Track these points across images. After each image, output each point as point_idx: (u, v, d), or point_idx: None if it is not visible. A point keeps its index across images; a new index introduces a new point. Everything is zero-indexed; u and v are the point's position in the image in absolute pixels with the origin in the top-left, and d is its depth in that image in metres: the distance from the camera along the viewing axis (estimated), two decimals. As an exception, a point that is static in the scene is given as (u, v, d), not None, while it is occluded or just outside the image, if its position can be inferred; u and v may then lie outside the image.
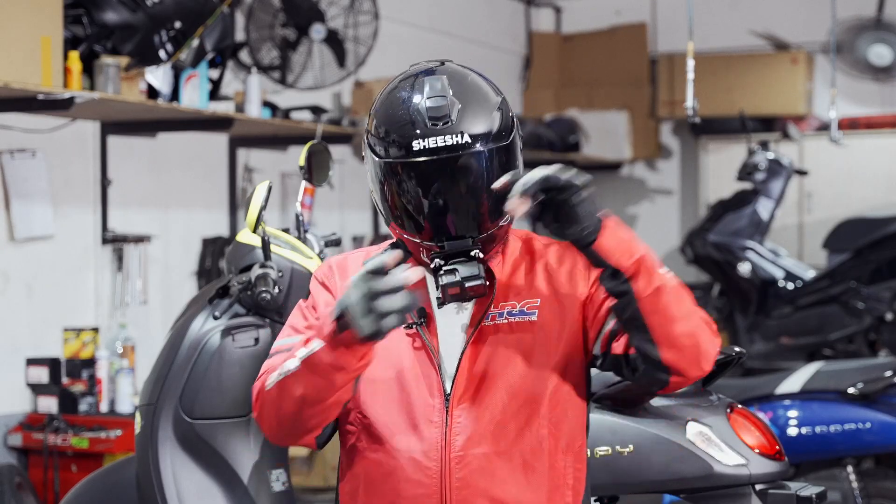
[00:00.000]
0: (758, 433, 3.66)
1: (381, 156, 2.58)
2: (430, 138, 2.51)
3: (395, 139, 2.55)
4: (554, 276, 2.65)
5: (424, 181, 2.53)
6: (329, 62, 6.95)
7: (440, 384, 2.58)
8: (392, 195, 2.58)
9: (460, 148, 2.51)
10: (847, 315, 8.19)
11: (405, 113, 2.55)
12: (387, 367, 2.59)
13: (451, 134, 2.51)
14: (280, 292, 3.84)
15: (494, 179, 2.53)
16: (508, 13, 10.41)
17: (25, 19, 5.06)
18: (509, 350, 2.59)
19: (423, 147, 2.51)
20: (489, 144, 2.54)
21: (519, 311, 2.62)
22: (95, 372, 5.96)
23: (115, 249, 6.31)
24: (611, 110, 9.99)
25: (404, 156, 2.53)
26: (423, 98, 2.55)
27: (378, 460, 2.59)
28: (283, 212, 7.48)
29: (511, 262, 2.68)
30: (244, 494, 3.85)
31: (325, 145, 4.19)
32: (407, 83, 2.60)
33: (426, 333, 2.60)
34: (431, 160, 2.51)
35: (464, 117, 2.53)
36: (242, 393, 3.82)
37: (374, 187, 2.63)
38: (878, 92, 9.84)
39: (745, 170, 8.66)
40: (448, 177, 2.52)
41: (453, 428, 2.56)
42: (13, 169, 5.75)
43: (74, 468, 5.65)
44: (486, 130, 2.54)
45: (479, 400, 2.57)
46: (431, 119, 2.52)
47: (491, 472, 2.56)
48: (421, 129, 2.52)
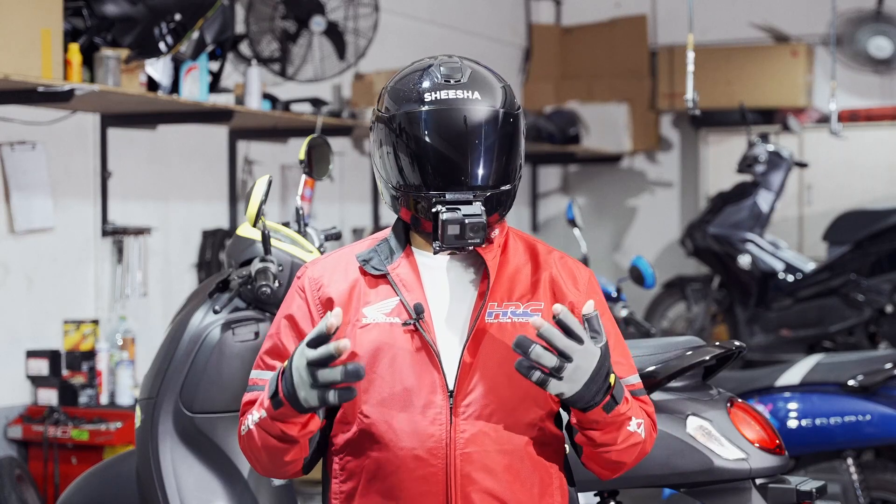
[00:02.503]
0: (758, 427, 3.66)
1: (392, 111, 2.64)
2: (442, 91, 2.62)
3: (407, 95, 2.64)
4: (557, 286, 2.68)
5: (432, 129, 2.60)
6: (329, 54, 6.95)
7: (443, 381, 2.58)
8: (399, 148, 2.63)
9: (468, 101, 2.62)
10: (847, 307, 8.19)
11: (420, 76, 2.66)
12: (386, 364, 2.59)
13: (462, 89, 2.62)
14: (280, 286, 3.84)
15: (498, 140, 2.62)
16: (508, 5, 10.40)
17: (25, 11, 5.06)
18: (511, 349, 2.56)
19: (435, 98, 2.61)
20: (495, 106, 2.64)
21: (522, 311, 2.63)
22: (95, 364, 5.96)
23: (116, 241, 6.30)
24: (611, 102, 9.98)
25: (416, 107, 2.61)
26: (437, 64, 2.67)
27: (380, 459, 2.58)
28: (283, 204, 7.48)
29: (514, 262, 2.69)
30: (244, 488, 3.85)
31: (325, 139, 4.19)
32: (420, 63, 2.72)
33: (424, 329, 2.59)
34: (440, 109, 2.60)
35: (473, 81, 2.65)
36: (242, 387, 3.78)
37: (381, 153, 2.67)
38: (877, 84, 9.83)
39: (745, 162, 8.67)
40: (454, 127, 2.60)
41: (458, 426, 2.56)
42: (13, 161, 5.75)
43: (74, 460, 5.66)
44: (492, 95, 2.65)
45: (482, 397, 2.58)
46: (444, 76, 2.63)
47: (493, 470, 2.57)
48: (433, 85, 2.63)
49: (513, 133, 2.66)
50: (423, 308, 2.60)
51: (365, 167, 8.24)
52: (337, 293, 2.66)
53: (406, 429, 2.56)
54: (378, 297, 2.64)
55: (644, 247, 10.38)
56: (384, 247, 2.71)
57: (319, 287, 2.68)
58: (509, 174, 2.65)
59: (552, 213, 10.73)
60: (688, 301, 9.05)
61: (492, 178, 2.62)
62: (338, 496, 2.65)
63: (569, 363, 2.42)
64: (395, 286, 2.63)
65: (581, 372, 2.44)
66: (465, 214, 2.56)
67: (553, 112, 9.86)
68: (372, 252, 2.70)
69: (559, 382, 2.43)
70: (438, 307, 2.64)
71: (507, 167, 2.65)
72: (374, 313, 2.63)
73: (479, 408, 2.57)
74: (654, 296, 9.17)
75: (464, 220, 2.55)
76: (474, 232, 2.56)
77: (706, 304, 8.79)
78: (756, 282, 8.51)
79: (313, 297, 2.68)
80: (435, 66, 2.66)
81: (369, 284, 2.66)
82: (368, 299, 2.64)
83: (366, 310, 2.63)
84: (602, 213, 10.65)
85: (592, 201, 10.70)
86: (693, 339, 3.72)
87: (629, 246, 10.55)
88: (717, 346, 3.71)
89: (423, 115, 2.60)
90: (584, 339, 2.44)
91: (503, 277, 2.66)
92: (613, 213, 10.67)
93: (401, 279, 2.64)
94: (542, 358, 2.41)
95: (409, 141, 2.61)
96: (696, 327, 8.75)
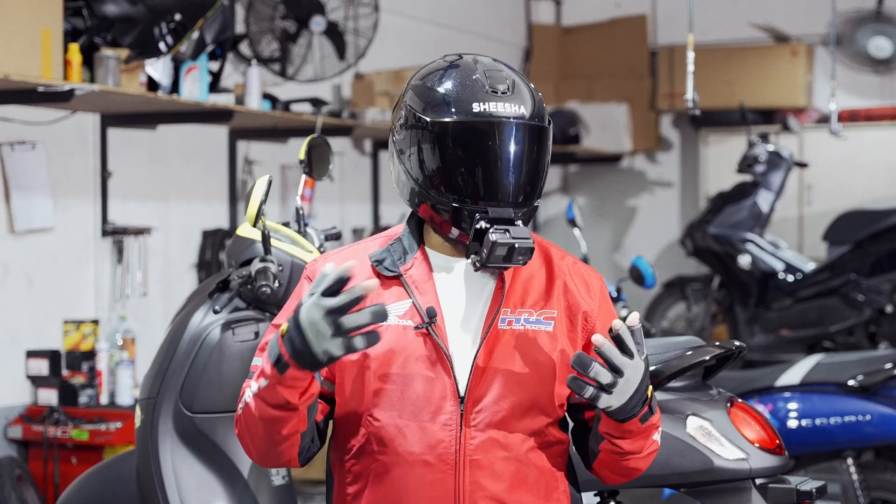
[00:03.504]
0: (758, 427, 3.66)
1: (432, 118, 2.58)
2: (491, 103, 2.56)
3: (452, 101, 2.57)
4: (570, 294, 2.67)
5: (479, 143, 2.55)
6: (329, 54, 6.95)
7: (454, 387, 2.56)
8: (438, 159, 2.57)
9: (517, 117, 2.57)
10: (847, 307, 8.19)
11: (460, 80, 2.60)
12: (398, 368, 2.57)
13: (510, 103, 2.57)
14: (280, 286, 3.84)
15: (539, 156, 2.60)
16: (508, 5, 10.40)
17: (25, 11, 5.06)
18: (524, 356, 2.58)
19: (483, 110, 2.56)
20: (538, 122, 2.61)
21: (536, 319, 2.62)
22: (95, 364, 5.96)
23: (116, 241, 6.30)
24: (611, 102, 9.98)
25: (463, 117, 2.56)
26: (480, 68, 2.61)
27: (389, 463, 2.56)
28: (283, 204, 7.48)
29: (529, 268, 2.67)
30: (244, 488, 3.85)
31: (325, 139, 4.19)
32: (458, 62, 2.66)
33: (437, 334, 2.57)
34: (491, 123, 2.55)
35: (517, 93, 2.61)
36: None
37: (412, 155, 2.60)
38: (877, 84, 9.83)
39: (745, 162, 8.67)
40: (503, 142, 2.56)
41: (468, 433, 2.55)
42: (13, 161, 5.75)
43: (74, 460, 5.66)
44: (535, 108, 2.62)
45: (493, 404, 2.56)
46: (491, 86, 2.58)
47: (500, 476, 2.56)
48: (481, 94, 2.57)
49: (548, 146, 2.64)
50: (435, 312, 2.58)
51: (365, 167, 8.24)
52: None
53: (416, 434, 2.55)
54: (391, 298, 2.61)
55: (644, 247, 10.38)
56: (397, 246, 2.67)
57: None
58: (541, 188, 2.65)
59: (552, 213, 10.73)
60: (688, 301, 9.06)
61: (531, 194, 2.61)
62: (345, 498, 2.63)
63: (621, 378, 2.44)
64: (408, 288, 2.61)
65: (629, 385, 2.46)
66: (515, 237, 2.52)
67: (553, 112, 9.86)
68: (385, 252, 2.66)
69: (609, 397, 2.45)
70: (451, 311, 2.61)
71: (541, 181, 2.63)
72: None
73: (489, 415, 2.55)
74: (654, 296, 9.17)
75: (514, 243, 2.51)
76: (522, 255, 2.53)
77: (706, 304, 8.79)
78: (756, 282, 8.51)
79: None
80: (479, 72, 2.60)
81: (382, 285, 2.62)
82: (381, 300, 2.60)
83: None
84: (602, 213, 10.65)
85: (592, 201, 10.70)
86: (693, 339, 3.72)
87: (629, 246, 10.56)
88: (717, 346, 3.71)
89: (471, 128, 2.55)
90: (635, 353, 2.45)
91: (517, 283, 2.64)
92: (613, 213, 10.67)
93: (414, 281, 2.61)
94: (600, 375, 2.42)
95: (455, 149, 2.55)
96: (696, 327, 8.75)
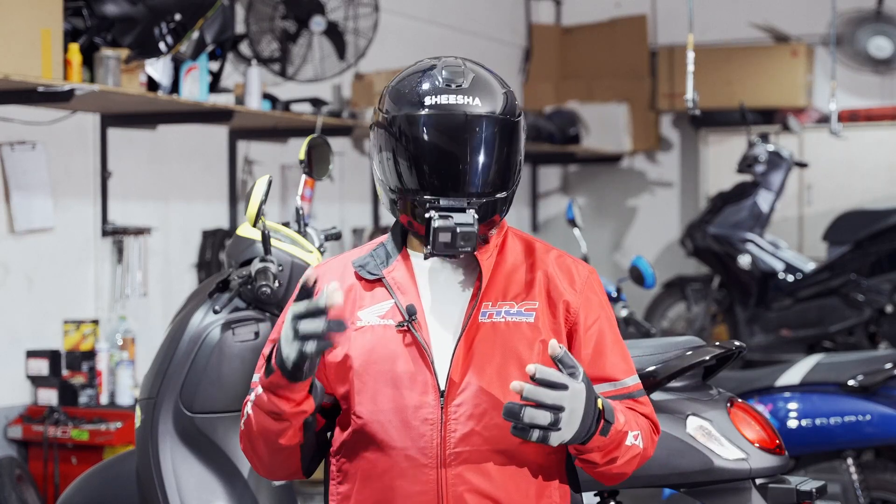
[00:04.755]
0: (758, 427, 3.66)
1: (392, 113, 2.63)
2: (443, 95, 2.60)
3: (408, 98, 2.62)
4: (552, 284, 2.67)
5: (430, 134, 2.59)
6: (329, 54, 6.95)
7: (434, 382, 2.57)
8: (397, 151, 2.61)
9: (468, 107, 2.60)
10: (847, 307, 8.19)
11: (421, 78, 2.64)
12: (379, 365, 2.60)
13: (463, 95, 2.61)
14: (280, 286, 3.84)
15: (497, 147, 2.61)
16: (508, 5, 10.40)
17: (25, 11, 5.06)
18: (505, 348, 2.59)
19: (435, 102, 2.59)
20: (495, 113, 2.62)
21: (517, 311, 2.63)
22: (95, 364, 5.96)
23: (116, 241, 6.30)
24: (611, 102, 9.98)
25: (416, 110, 2.60)
26: (439, 67, 2.65)
27: (373, 459, 2.58)
28: (283, 204, 7.48)
29: (511, 262, 2.69)
30: (244, 488, 3.85)
31: (325, 139, 4.19)
32: (423, 63, 2.70)
33: (417, 330, 2.60)
34: (439, 114, 2.59)
35: (475, 86, 2.63)
36: (242, 387, 3.82)
37: (381, 152, 2.66)
38: (877, 84, 9.83)
39: (746, 162, 8.67)
40: (453, 133, 2.59)
41: (448, 425, 2.56)
42: (13, 161, 5.75)
43: (74, 460, 5.66)
44: (493, 102, 2.63)
45: (474, 397, 2.57)
46: (446, 80, 2.62)
47: (486, 470, 2.57)
48: (434, 88, 2.61)
49: (511, 140, 2.64)
50: (415, 309, 2.60)
51: (365, 167, 8.24)
52: None
53: (398, 430, 2.57)
54: (373, 300, 2.65)
55: (644, 247, 10.38)
56: (380, 251, 2.72)
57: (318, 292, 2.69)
58: (506, 181, 2.65)
59: (552, 213, 10.73)
60: (688, 301, 9.06)
61: (488, 186, 2.62)
62: (335, 497, 2.66)
63: (562, 413, 2.41)
64: (390, 289, 2.64)
65: (575, 415, 2.43)
66: (458, 223, 2.55)
67: (553, 112, 9.86)
68: (367, 257, 2.71)
69: (559, 433, 2.42)
70: (433, 308, 2.64)
71: (504, 175, 2.64)
72: (369, 316, 2.64)
73: (470, 407, 2.56)
74: (654, 296, 9.17)
75: (455, 228, 2.55)
76: (465, 240, 2.56)
77: (706, 304, 8.79)
78: (756, 282, 8.51)
79: None
80: (437, 68, 2.65)
81: (365, 288, 2.67)
82: (363, 303, 2.65)
83: (360, 313, 2.64)
84: (602, 213, 10.65)
85: (592, 201, 10.70)
86: (693, 339, 3.72)
87: (629, 246, 10.55)
88: (717, 346, 3.71)
89: (422, 119, 2.59)
90: (568, 382, 2.41)
91: (498, 277, 2.66)
92: (613, 213, 10.67)
93: (395, 282, 2.65)
94: (537, 418, 2.39)
95: (408, 144, 2.60)
96: (696, 327, 8.74)
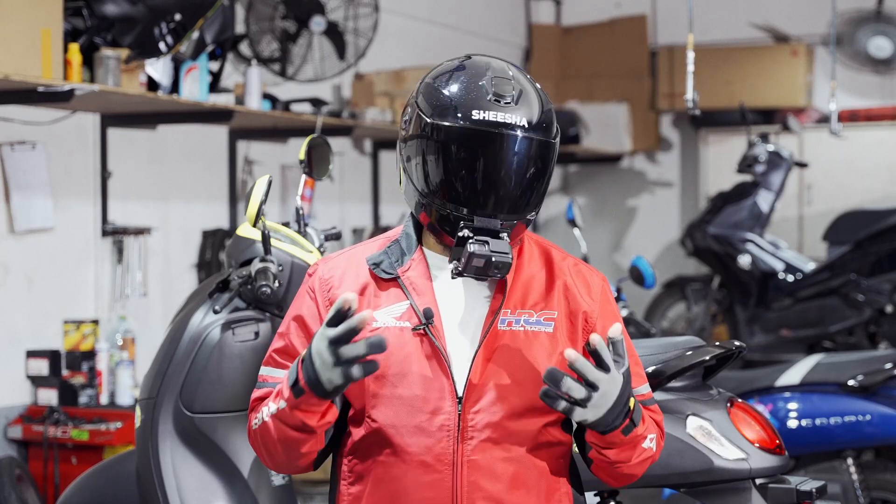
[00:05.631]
0: (758, 427, 3.66)
1: (435, 120, 2.57)
2: (491, 112, 2.54)
3: (455, 106, 2.56)
4: (570, 294, 2.66)
5: (474, 150, 2.54)
6: (329, 54, 6.95)
7: (452, 388, 2.55)
8: (436, 161, 2.56)
9: (517, 128, 2.55)
10: (847, 307, 8.19)
11: (466, 85, 2.58)
12: (395, 369, 2.57)
13: (511, 113, 2.55)
14: (280, 286, 3.84)
15: (537, 170, 2.58)
16: (508, 5, 10.40)
17: (25, 11, 5.06)
18: (523, 357, 2.58)
19: (483, 118, 2.54)
20: (540, 136, 2.58)
21: (536, 320, 2.61)
22: (95, 364, 5.96)
23: (116, 241, 6.30)
24: (611, 102, 9.98)
25: (462, 123, 2.54)
26: (489, 77, 2.59)
27: (387, 463, 2.56)
28: (283, 204, 7.48)
29: (529, 269, 2.67)
30: (244, 488, 3.85)
31: (325, 139, 4.19)
32: (468, 64, 2.64)
33: (434, 335, 2.57)
34: (486, 132, 2.54)
35: (523, 103, 2.58)
36: (242, 387, 3.82)
37: (415, 155, 2.60)
38: (877, 84, 9.83)
39: (746, 162, 8.67)
40: (497, 152, 2.54)
41: (465, 433, 2.54)
42: (13, 161, 5.75)
43: (74, 460, 5.66)
44: (540, 122, 2.58)
45: (492, 405, 2.55)
46: (496, 94, 2.56)
47: (499, 478, 2.56)
48: (483, 102, 2.55)
49: (549, 161, 2.61)
50: (432, 313, 2.57)
51: (365, 167, 8.23)
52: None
53: (414, 434, 2.54)
54: (388, 300, 2.61)
55: (644, 247, 10.38)
56: (395, 248, 2.67)
57: (329, 288, 2.65)
58: (539, 201, 2.64)
59: (552, 213, 10.73)
60: (688, 301, 9.05)
61: (523, 207, 2.60)
62: (345, 498, 2.63)
63: (595, 392, 2.42)
64: (406, 290, 2.61)
65: (605, 399, 2.44)
66: (493, 251, 2.51)
67: (553, 112, 9.85)
68: (382, 255, 2.66)
69: (584, 410, 2.43)
70: (450, 312, 2.61)
71: (539, 195, 2.62)
72: (385, 317, 2.60)
73: (488, 415, 2.55)
74: (654, 296, 9.17)
75: (491, 256, 2.50)
76: (498, 269, 2.52)
77: (706, 304, 8.79)
78: (756, 282, 8.51)
79: (323, 298, 2.65)
80: (487, 78, 2.58)
81: (380, 287, 2.63)
82: (379, 303, 2.61)
83: (376, 313, 2.60)
84: (602, 213, 10.65)
85: (592, 201, 10.70)
86: (693, 339, 3.72)
87: (629, 246, 10.55)
88: (717, 346, 3.70)
89: (468, 134, 2.53)
90: (612, 366, 2.44)
91: (517, 284, 2.63)
92: (613, 213, 10.67)
93: (411, 282, 2.61)
94: (573, 390, 2.40)
95: (447, 155, 2.55)
96: (696, 327, 8.74)
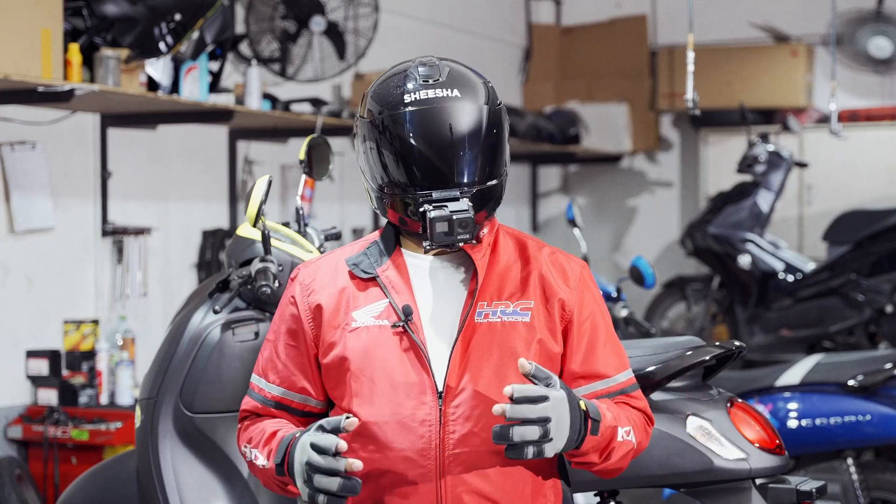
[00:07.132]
0: (758, 427, 3.65)
1: (375, 117, 2.64)
2: (422, 91, 2.62)
3: (388, 99, 2.64)
4: (546, 283, 2.68)
5: (414, 130, 2.60)
6: (329, 54, 6.95)
7: (432, 383, 2.58)
8: (385, 151, 2.63)
9: (448, 100, 2.61)
10: (847, 307, 8.19)
11: (399, 79, 2.67)
12: (375, 367, 2.60)
13: (441, 87, 2.62)
14: (280, 286, 3.84)
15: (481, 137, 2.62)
16: (508, 5, 10.39)
17: (25, 11, 5.06)
18: (502, 349, 2.60)
19: (415, 98, 2.61)
20: (472, 101, 2.63)
21: (512, 310, 2.63)
22: (95, 364, 5.96)
23: (116, 241, 6.30)
24: (611, 102, 9.98)
25: (398, 110, 2.61)
26: (415, 66, 2.67)
27: (371, 460, 2.58)
28: (283, 204, 7.48)
29: (504, 260, 2.69)
30: (244, 488, 3.85)
31: (325, 139, 4.19)
32: (398, 67, 2.72)
33: (413, 331, 2.60)
34: (421, 109, 2.60)
35: (452, 78, 2.65)
36: (242, 387, 3.80)
37: (367, 155, 2.67)
38: (878, 84, 9.83)
39: (745, 162, 8.67)
40: (436, 125, 2.60)
41: (447, 427, 2.56)
42: (13, 161, 5.75)
43: (74, 460, 5.66)
44: (472, 91, 2.65)
45: (472, 398, 2.57)
46: (423, 77, 2.64)
47: (484, 471, 2.57)
48: (413, 85, 2.63)
49: (495, 128, 2.65)
50: (411, 310, 2.60)
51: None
52: (326, 298, 2.68)
53: (396, 431, 2.57)
54: (367, 300, 2.65)
55: (644, 247, 10.38)
56: (374, 249, 2.72)
57: (310, 293, 2.70)
58: (495, 169, 2.66)
59: (552, 213, 10.73)
60: (688, 301, 9.06)
61: (477, 175, 2.62)
62: None
63: (550, 423, 2.42)
64: (385, 288, 2.64)
65: (563, 422, 2.45)
66: (453, 211, 2.56)
67: (553, 112, 9.86)
68: (361, 255, 2.71)
69: (551, 444, 2.44)
70: (428, 308, 2.64)
71: (493, 162, 2.65)
72: (364, 316, 2.64)
73: (468, 409, 2.57)
74: (654, 296, 9.17)
75: (451, 216, 2.55)
76: (463, 228, 2.56)
77: (706, 304, 8.79)
78: (756, 282, 8.51)
79: (303, 303, 2.70)
80: (413, 67, 2.66)
81: (359, 288, 2.67)
82: (358, 303, 2.65)
83: (355, 313, 2.64)
84: (602, 213, 10.65)
85: (592, 201, 10.70)
86: (693, 339, 3.71)
87: (629, 246, 10.56)
88: (717, 346, 3.70)
89: (406, 116, 2.60)
90: (547, 393, 2.43)
91: (493, 276, 2.66)
92: (613, 213, 10.67)
93: (390, 281, 2.65)
94: (527, 434, 2.41)
95: (394, 142, 2.60)
96: (696, 327, 8.74)
